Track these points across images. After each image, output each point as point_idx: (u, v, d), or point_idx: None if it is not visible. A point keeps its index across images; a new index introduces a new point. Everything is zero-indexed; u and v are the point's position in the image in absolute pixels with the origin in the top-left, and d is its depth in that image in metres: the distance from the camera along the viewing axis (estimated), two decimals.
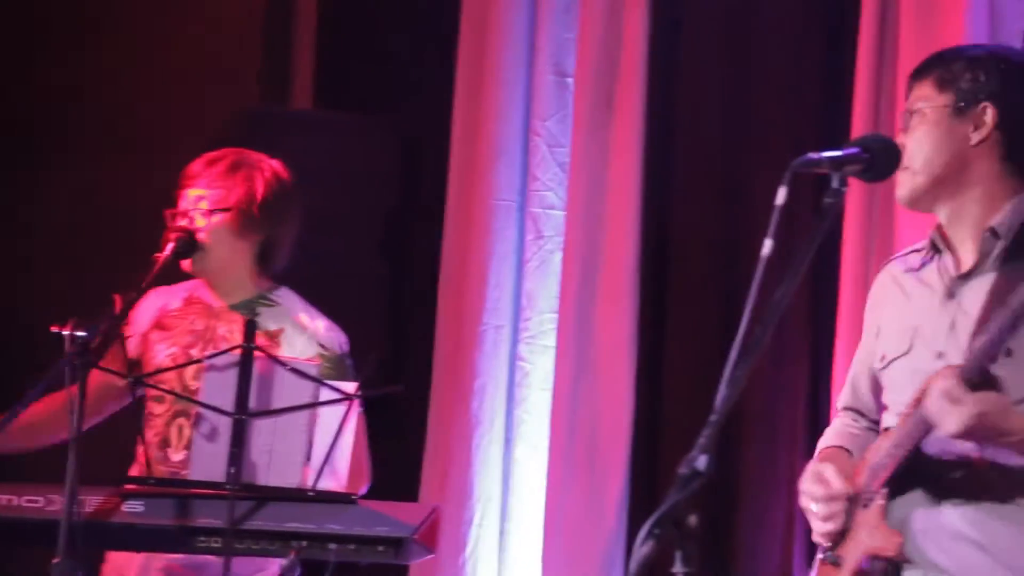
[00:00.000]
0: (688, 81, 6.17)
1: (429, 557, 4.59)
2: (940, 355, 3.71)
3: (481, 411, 6.12)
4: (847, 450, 3.97)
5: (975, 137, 3.79)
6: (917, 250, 3.93)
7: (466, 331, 6.17)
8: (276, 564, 4.62)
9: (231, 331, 4.93)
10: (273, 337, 4.85)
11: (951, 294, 3.77)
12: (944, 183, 3.80)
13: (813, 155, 3.43)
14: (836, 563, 3.79)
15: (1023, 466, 3.66)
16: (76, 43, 6.38)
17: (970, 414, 3.48)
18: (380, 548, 4.35)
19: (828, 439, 4.07)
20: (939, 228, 3.86)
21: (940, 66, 3.86)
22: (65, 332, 4.22)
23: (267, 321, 4.85)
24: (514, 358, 6.15)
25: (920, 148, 3.79)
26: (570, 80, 6.15)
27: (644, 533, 2.79)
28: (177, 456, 4.84)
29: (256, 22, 6.69)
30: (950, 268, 3.81)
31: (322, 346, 4.92)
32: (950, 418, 3.50)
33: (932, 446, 3.66)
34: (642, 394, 5.95)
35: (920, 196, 3.82)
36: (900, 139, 3.81)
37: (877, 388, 3.97)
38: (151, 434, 4.83)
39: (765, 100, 6.05)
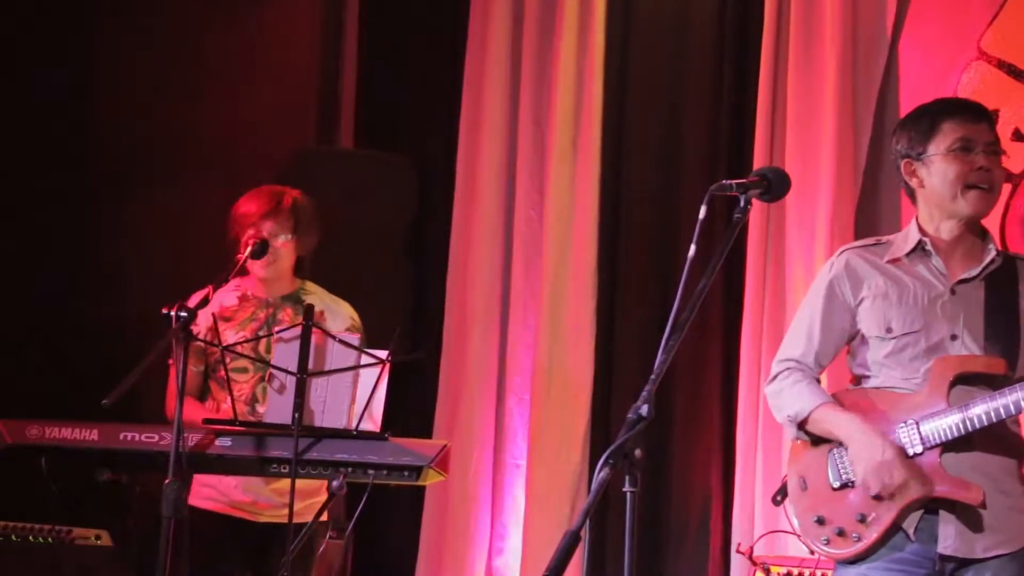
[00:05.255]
0: (633, 126, 6.16)
1: (441, 480, 4.61)
2: (954, 337, 3.62)
3: (479, 371, 6.10)
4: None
5: None
6: (875, 244, 3.75)
7: (468, 312, 6.15)
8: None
9: (287, 315, 4.94)
10: (319, 316, 4.85)
11: (953, 291, 3.66)
12: None
13: (726, 182, 3.43)
14: (880, 496, 3.56)
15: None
16: (165, 95, 6.31)
17: None
18: (406, 473, 4.33)
19: (819, 393, 3.74)
20: (928, 236, 3.70)
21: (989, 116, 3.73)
22: (172, 313, 4.24)
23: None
24: (505, 333, 6.13)
25: (1001, 182, 3.68)
26: (545, 126, 6.16)
27: (602, 462, 2.82)
28: (263, 409, 4.80)
29: (313, 83, 6.66)
30: (944, 271, 3.68)
31: (352, 318, 4.95)
32: None
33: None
34: (599, 359, 5.95)
35: (987, 215, 3.71)
36: (990, 161, 3.65)
37: (842, 345, 3.80)
38: (238, 393, 4.77)
39: (691, 140, 6.05)
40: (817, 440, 3.73)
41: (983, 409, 3.51)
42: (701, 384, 5.80)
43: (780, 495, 3.81)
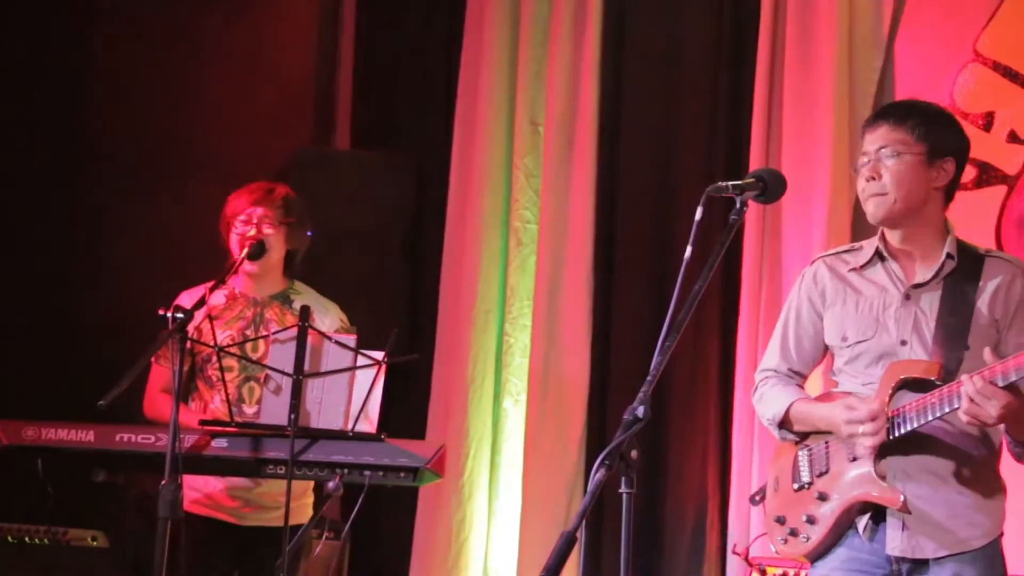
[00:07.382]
0: (629, 127, 6.16)
1: (437, 481, 4.61)
2: (904, 342, 3.65)
3: (475, 373, 6.11)
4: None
5: (938, 182, 3.68)
6: (848, 251, 3.81)
7: (463, 314, 6.16)
8: None
9: (275, 315, 4.92)
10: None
11: (908, 296, 3.67)
12: (911, 212, 3.67)
13: (722, 183, 3.42)
14: (824, 498, 3.65)
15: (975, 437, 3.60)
16: (164, 96, 6.31)
17: (1002, 404, 3.38)
18: (402, 474, 4.34)
19: (795, 392, 3.82)
20: (884, 241, 3.74)
21: (914, 116, 3.69)
22: (168, 314, 4.23)
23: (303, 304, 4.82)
24: (501, 334, 6.13)
25: (900, 182, 3.64)
26: (541, 128, 6.15)
27: (598, 464, 2.83)
28: (250, 410, 4.76)
29: (309, 84, 6.66)
30: (901, 276, 3.70)
31: (341, 319, 4.94)
32: (991, 406, 3.39)
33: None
34: (596, 360, 5.96)
35: (893, 217, 3.67)
36: (873, 168, 3.66)
37: (817, 353, 3.85)
38: (226, 394, 4.72)
39: (687, 141, 6.05)
40: (797, 441, 3.79)
41: (903, 415, 3.53)
42: (697, 385, 5.80)
43: (759, 495, 3.90)
